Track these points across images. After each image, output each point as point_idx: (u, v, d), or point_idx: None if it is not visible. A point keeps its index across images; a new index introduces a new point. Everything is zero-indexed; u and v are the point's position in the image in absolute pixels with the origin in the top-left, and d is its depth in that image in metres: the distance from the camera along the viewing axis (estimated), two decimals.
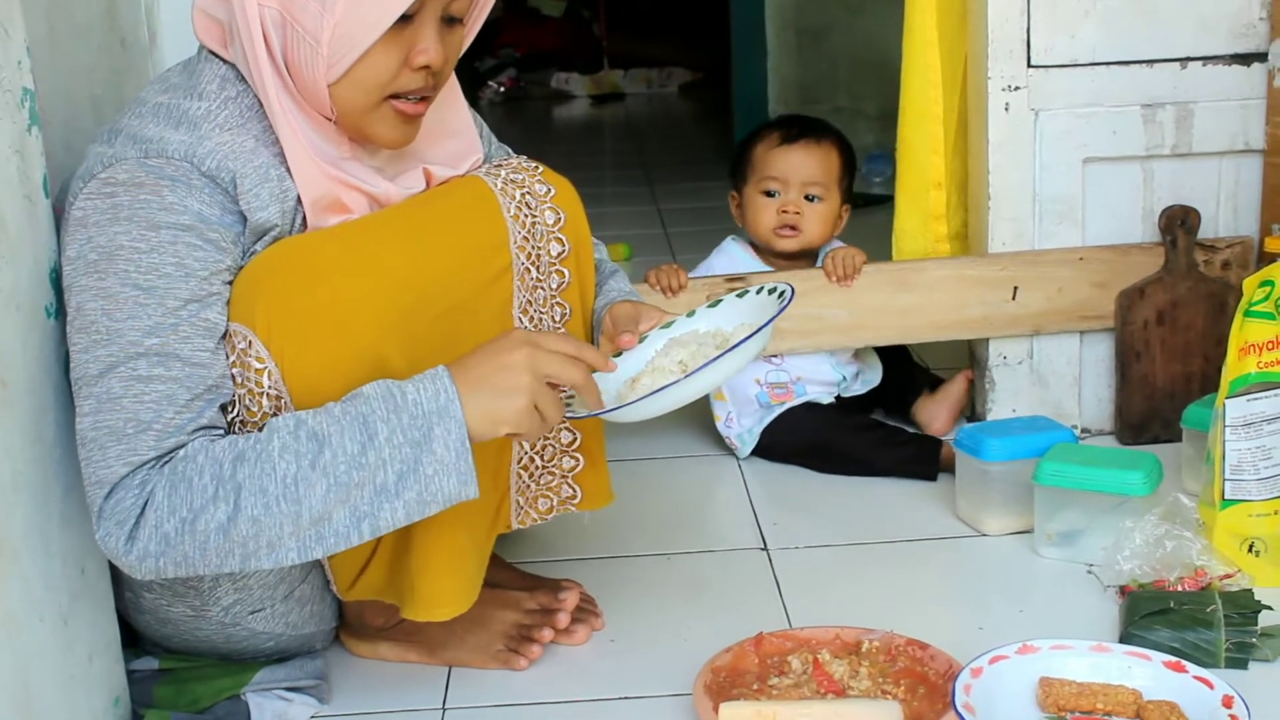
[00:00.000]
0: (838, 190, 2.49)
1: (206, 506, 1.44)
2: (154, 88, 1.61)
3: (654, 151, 5.69)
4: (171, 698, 1.68)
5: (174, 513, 1.44)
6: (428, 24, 1.56)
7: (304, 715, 1.71)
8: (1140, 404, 2.41)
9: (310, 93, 1.57)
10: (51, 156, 1.56)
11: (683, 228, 4.22)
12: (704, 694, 1.62)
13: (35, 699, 1.41)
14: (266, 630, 1.70)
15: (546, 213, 1.75)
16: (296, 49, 1.54)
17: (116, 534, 1.45)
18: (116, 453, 1.46)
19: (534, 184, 1.76)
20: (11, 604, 1.37)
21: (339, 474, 1.45)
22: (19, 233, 1.44)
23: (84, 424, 1.48)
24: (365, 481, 1.45)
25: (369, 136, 1.61)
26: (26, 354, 1.45)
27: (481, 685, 1.76)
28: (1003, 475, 2.07)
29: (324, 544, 1.47)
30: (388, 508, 1.47)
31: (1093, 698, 1.59)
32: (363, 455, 1.45)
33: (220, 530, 1.44)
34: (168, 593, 1.65)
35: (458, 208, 1.69)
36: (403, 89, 1.58)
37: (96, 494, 1.46)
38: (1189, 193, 2.40)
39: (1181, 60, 2.35)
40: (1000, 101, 2.36)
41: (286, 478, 1.44)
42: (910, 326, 2.47)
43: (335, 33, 1.51)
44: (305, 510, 1.45)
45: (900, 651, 1.70)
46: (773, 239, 2.48)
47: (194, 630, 1.69)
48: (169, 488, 1.45)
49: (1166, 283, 2.38)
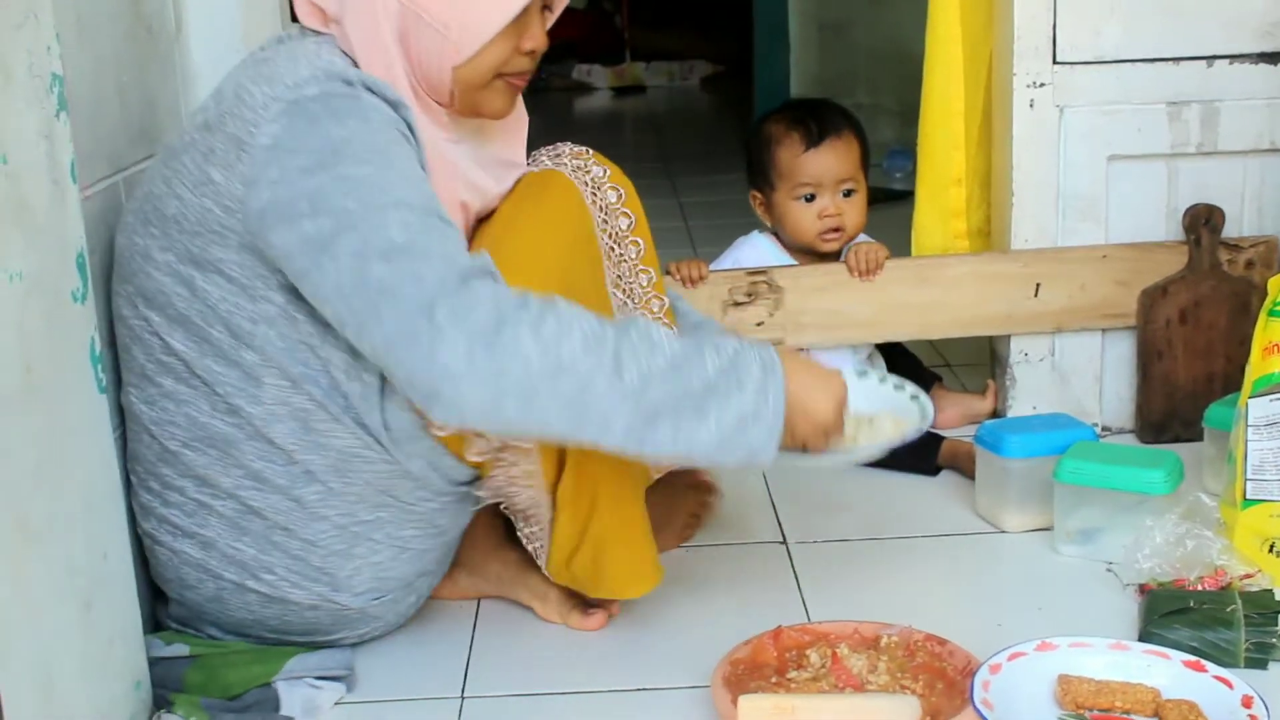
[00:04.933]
0: (864, 175, 2.49)
1: (580, 356, 1.47)
2: (261, 51, 1.69)
3: (675, 144, 5.69)
4: (202, 684, 1.69)
5: (539, 340, 1.46)
6: (534, 11, 1.68)
7: (331, 702, 1.71)
8: (1162, 403, 2.41)
9: (430, 77, 1.66)
10: (78, 142, 1.57)
11: (703, 220, 4.22)
12: (722, 686, 1.62)
13: (57, 682, 1.42)
14: (380, 616, 1.77)
15: (609, 192, 1.88)
16: (420, 36, 1.62)
17: (468, 343, 1.44)
18: (434, 272, 1.47)
19: (593, 167, 1.88)
20: (34, 588, 1.38)
21: (693, 383, 1.51)
22: (46, 217, 1.45)
23: (377, 272, 1.48)
24: (702, 399, 1.52)
25: (479, 110, 1.72)
26: (52, 339, 1.45)
27: (500, 674, 1.77)
28: (1023, 472, 2.07)
29: (642, 441, 1.51)
30: (703, 428, 1.51)
31: (1111, 696, 1.59)
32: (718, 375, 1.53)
33: (580, 386, 1.46)
34: (294, 574, 1.69)
35: (558, 204, 1.79)
36: (511, 70, 1.70)
37: (428, 311, 1.45)
38: (1213, 191, 2.39)
39: (1208, 58, 2.34)
40: (1025, 98, 2.35)
41: (658, 364, 1.50)
42: (932, 322, 2.46)
43: (464, 19, 1.61)
44: (651, 403, 1.49)
45: (919, 647, 1.70)
46: (818, 243, 2.46)
47: (268, 610, 1.72)
48: (536, 316, 1.47)
49: (1190, 281, 2.38)
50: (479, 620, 1.91)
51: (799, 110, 2.52)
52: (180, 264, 1.63)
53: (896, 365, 2.58)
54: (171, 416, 1.68)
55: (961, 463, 2.30)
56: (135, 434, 1.72)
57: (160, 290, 1.64)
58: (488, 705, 1.71)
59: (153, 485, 1.72)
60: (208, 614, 1.75)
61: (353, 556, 1.70)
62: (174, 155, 1.65)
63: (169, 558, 1.73)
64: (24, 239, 1.39)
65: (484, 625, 1.89)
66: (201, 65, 2.21)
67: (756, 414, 1.54)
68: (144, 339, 1.67)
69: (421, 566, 1.77)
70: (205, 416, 1.66)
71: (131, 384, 1.71)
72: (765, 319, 2.43)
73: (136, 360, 1.69)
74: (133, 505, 1.75)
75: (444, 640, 1.85)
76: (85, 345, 1.53)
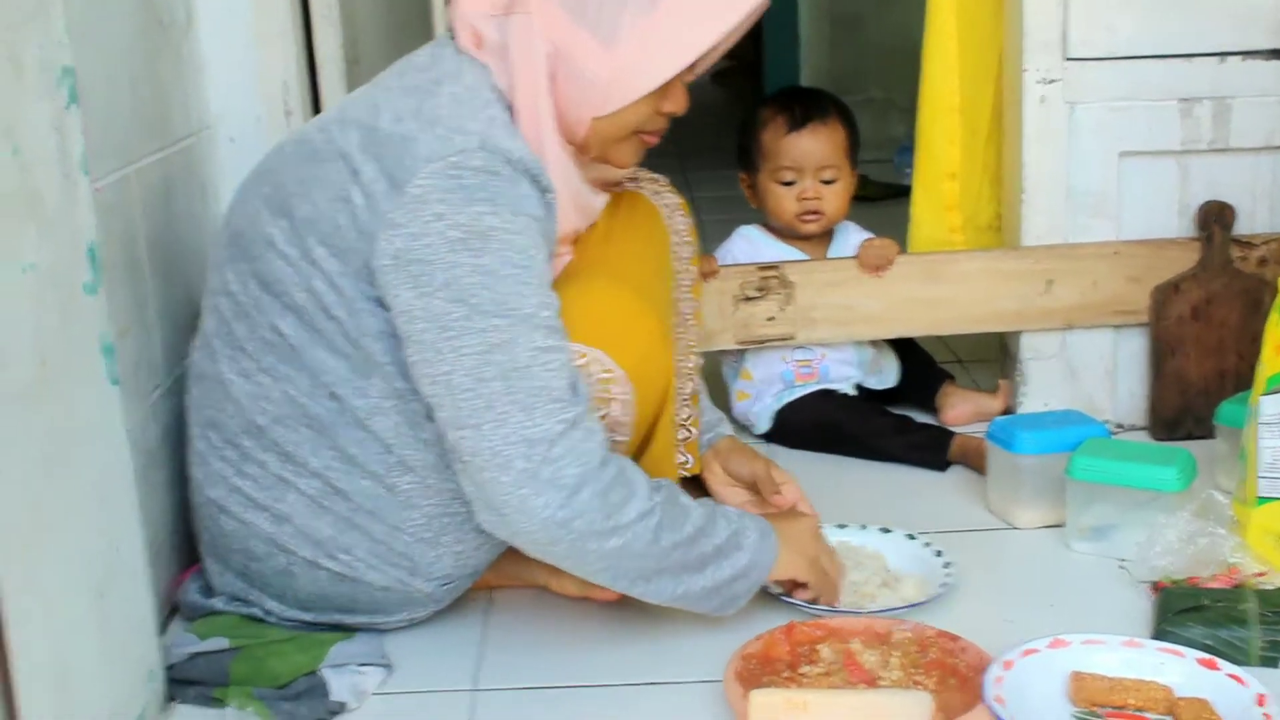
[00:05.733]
0: (849, 165, 2.49)
1: (632, 523, 1.59)
2: (423, 75, 1.69)
3: (686, 139, 5.66)
4: (250, 675, 1.70)
5: (604, 508, 1.57)
6: (681, 76, 1.71)
7: (374, 686, 1.73)
8: (1174, 400, 2.40)
9: (569, 120, 1.69)
10: (89, 135, 1.57)
11: (715, 215, 4.19)
12: (735, 680, 1.62)
13: (72, 672, 1.42)
14: (441, 600, 1.81)
15: (679, 219, 2.03)
16: (568, 81, 1.66)
17: (552, 496, 1.55)
18: (544, 414, 1.55)
19: (668, 195, 2.03)
20: (48, 578, 1.38)
21: (694, 561, 1.67)
22: (57, 210, 1.45)
23: (493, 388, 1.55)
24: (704, 571, 1.68)
25: (607, 159, 1.78)
26: (65, 332, 1.45)
27: (512, 667, 1.77)
28: (1035, 469, 2.06)
29: (648, 592, 1.67)
30: (697, 579, 1.68)
31: (1125, 693, 1.58)
32: (712, 559, 1.69)
33: (621, 548, 1.59)
34: (374, 557, 1.71)
35: (646, 225, 1.96)
36: (647, 128, 1.74)
37: (528, 453, 1.54)
38: (1225, 188, 2.38)
39: (1220, 54, 2.33)
40: (1036, 94, 2.34)
41: (685, 534, 1.65)
42: (942, 318, 2.46)
43: (618, 76, 1.65)
44: (672, 563, 1.65)
45: (931, 643, 1.70)
46: (796, 224, 2.49)
47: (341, 587, 1.74)
48: (607, 485, 1.58)
49: (1201, 278, 2.37)
50: (491, 612, 1.91)
51: (788, 96, 2.55)
52: (302, 261, 1.65)
53: (909, 362, 2.58)
54: (267, 391, 1.69)
55: (971, 458, 2.30)
56: (218, 403, 1.73)
57: (279, 279, 1.66)
58: (500, 697, 1.71)
59: (229, 454, 1.73)
60: (272, 587, 1.76)
61: (438, 545, 1.73)
62: (315, 158, 1.66)
63: (237, 528, 1.74)
64: (36, 231, 1.39)
65: (496, 618, 1.90)
66: (212, 58, 2.21)
67: (746, 571, 1.71)
68: (252, 316, 1.69)
69: (494, 556, 1.80)
70: (304, 396, 1.68)
71: (226, 354, 1.72)
72: (776, 314, 2.43)
73: (237, 334, 1.71)
74: (192, 472, 1.77)
75: (457, 632, 1.86)
76: (97, 338, 1.54)
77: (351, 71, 2.53)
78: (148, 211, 1.89)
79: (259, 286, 1.68)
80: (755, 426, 2.49)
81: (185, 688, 1.71)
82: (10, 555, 1.29)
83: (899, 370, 2.58)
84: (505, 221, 1.57)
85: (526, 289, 1.57)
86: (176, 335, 1.96)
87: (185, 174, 2.08)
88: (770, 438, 2.48)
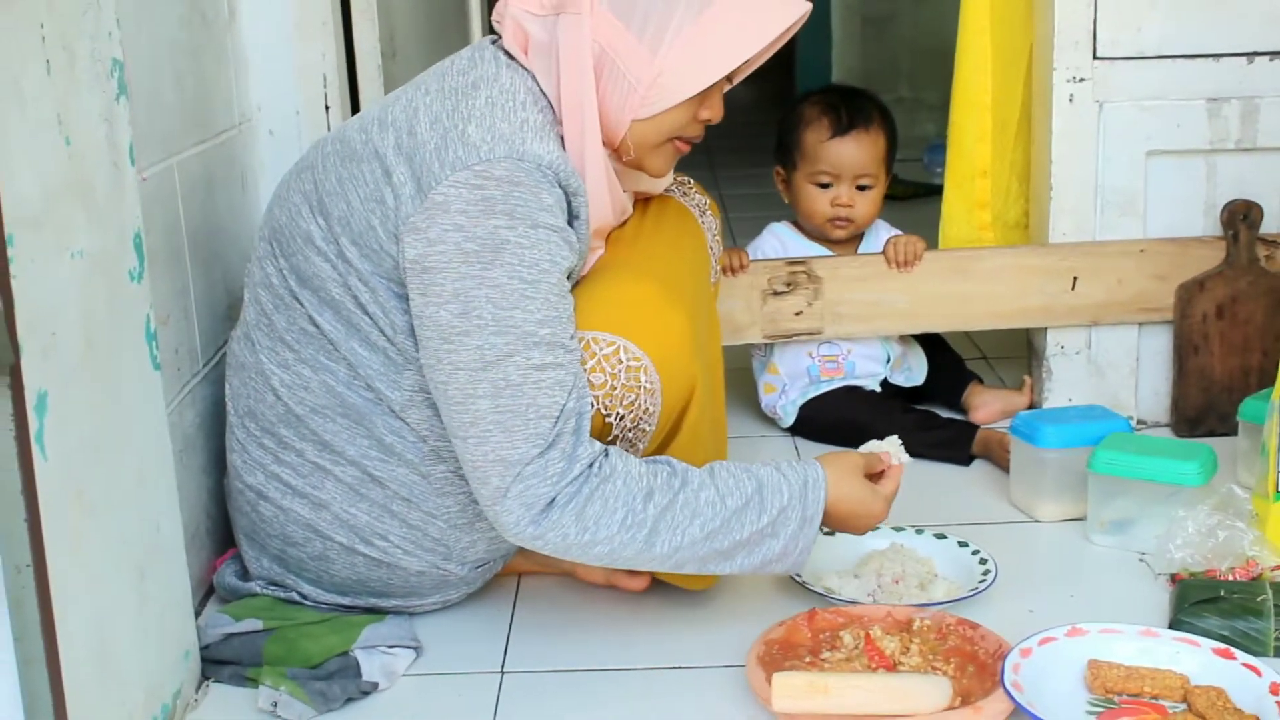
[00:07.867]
0: (885, 172, 2.51)
1: (615, 534, 1.61)
2: (462, 78, 1.69)
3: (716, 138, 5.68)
4: (283, 655, 1.74)
5: (580, 522, 1.60)
6: (720, 84, 1.74)
7: (405, 667, 1.77)
8: (1197, 397, 2.42)
9: (609, 121, 1.71)
10: (135, 126, 1.61)
11: (744, 213, 4.23)
12: (757, 665, 1.65)
13: (111, 649, 1.46)
14: (473, 583, 1.86)
15: (710, 220, 2.09)
16: (611, 84, 1.68)
17: (520, 514, 1.59)
18: (524, 436, 1.58)
19: (698, 197, 2.09)
20: (91, 557, 1.42)
21: (722, 545, 1.66)
22: (106, 198, 1.49)
23: (480, 405, 1.59)
24: (736, 546, 1.67)
25: (643, 165, 1.79)
26: (111, 317, 1.49)
27: (539, 651, 1.80)
28: (1057, 462, 2.08)
29: (670, 566, 1.67)
30: (726, 565, 1.68)
31: (1140, 681, 1.61)
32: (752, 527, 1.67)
33: (610, 552, 1.62)
34: (409, 543, 1.76)
35: (684, 231, 2.00)
36: (684, 134, 1.77)
37: (503, 473, 1.59)
38: (1252, 187, 2.40)
39: (1248, 55, 2.35)
40: (1064, 93, 2.36)
41: (693, 535, 1.64)
42: (969, 314, 2.48)
43: (659, 80, 1.67)
44: (676, 563, 1.66)
45: (951, 630, 1.73)
46: (827, 228, 2.50)
47: (371, 569, 1.78)
48: (584, 501, 1.60)
49: (1227, 276, 2.39)
50: (519, 597, 1.94)
51: (835, 96, 2.54)
52: (338, 259, 1.69)
53: (937, 361, 2.60)
54: (306, 382, 1.73)
55: (994, 452, 2.32)
56: (257, 392, 1.77)
57: (317, 274, 1.70)
58: (527, 680, 1.74)
59: (267, 443, 1.77)
60: (308, 571, 1.81)
61: (473, 530, 1.77)
62: (353, 158, 1.69)
63: (275, 514, 1.78)
64: (86, 219, 1.43)
65: (523, 602, 1.93)
66: (253, 53, 2.25)
67: (781, 557, 1.70)
68: (291, 308, 1.73)
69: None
70: (342, 386, 1.72)
71: (265, 345, 1.76)
72: (804, 308, 2.45)
73: (277, 326, 1.75)
74: (231, 459, 1.82)
75: (485, 617, 1.89)
76: (141, 323, 1.58)
77: (388, 66, 2.56)
78: (189, 202, 1.93)
79: (298, 281, 1.72)
80: (781, 420, 2.52)
81: (220, 667, 1.76)
82: (56, 534, 1.32)
83: (927, 368, 2.60)
84: (521, 235, 1.59)
85: (531, 304, 1.59)
86: (215, 323, 2.00)
87: (226, 166, 2.12)
88: (795, 431, 2.51)
